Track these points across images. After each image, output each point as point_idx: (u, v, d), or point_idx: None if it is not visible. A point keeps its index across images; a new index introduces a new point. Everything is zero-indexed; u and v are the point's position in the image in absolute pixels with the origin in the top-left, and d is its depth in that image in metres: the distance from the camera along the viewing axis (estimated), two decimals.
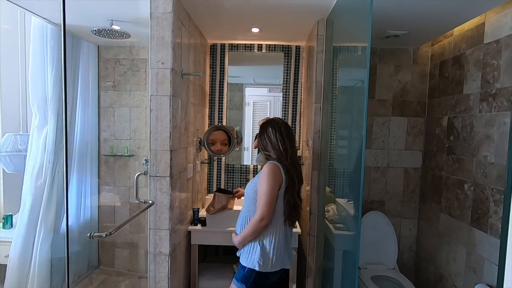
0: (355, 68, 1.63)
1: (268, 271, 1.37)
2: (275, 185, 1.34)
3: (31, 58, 1.97)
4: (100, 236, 1.09)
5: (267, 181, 1.33)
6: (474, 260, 1.70)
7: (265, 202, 1.32)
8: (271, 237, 1.38)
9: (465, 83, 1.83)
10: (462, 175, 1.82)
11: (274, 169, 1.36)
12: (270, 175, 1.34)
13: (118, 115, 2.50)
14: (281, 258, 1.40)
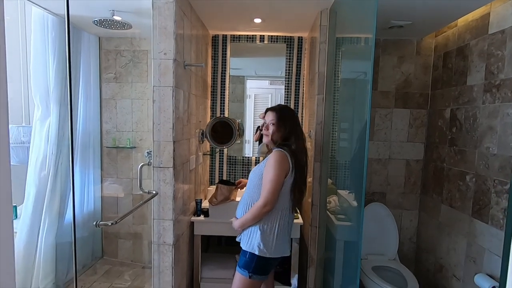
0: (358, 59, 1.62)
1: (268, 256, 1.39)
2: (282, 174, 1.35)
3: (33, 49, 1.96)
4: (106, 224, 1.10)
5: (274, 168, 1.35)
6: (475, 250, 1.72)
7: (270, 189, 1.34)
8: (273, 223, 1.40)
9: (469, 74, 1.82)
10: (464, 166, 1.83)
11: (282, 157, 1.37)
12: (278, 163, 1.35)
13: (120, 107, 2.50)
14: (281, 244, 1.43)
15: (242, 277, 1.41)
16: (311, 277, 1.90)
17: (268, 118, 1.48)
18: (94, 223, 1.10)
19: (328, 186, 1.84)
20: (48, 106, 2.03)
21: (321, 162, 1.83)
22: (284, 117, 1.45)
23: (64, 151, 2.11)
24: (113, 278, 2.33)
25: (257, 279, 1.42)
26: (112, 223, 1.11)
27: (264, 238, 1.39)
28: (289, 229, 1.49)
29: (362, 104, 1.51)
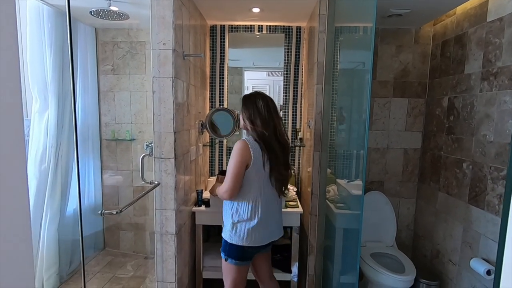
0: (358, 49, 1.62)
1: (239, 244, 1.44)
2: (240, 163, 1.38)
3: (29, 41, 1.94)
4: (111, 213, 1.12)
5: (232, 157, 1.40)
6: (471, 236, 1.76)
7: (230, 177, 1.39)
8: (244, 214, 1.44)
9: (467, 62, 1.83)
10: (461, 154, 1.85)
11: (242, 146, 1.39)
12: (236, 152, 1.39)
13: (118, 99, 2.49)
14: (257, 235, 1.44)
15: (223, 260, 1.51)
16: (311, 265, 1.94)
17: None
18: (99, 212, 1.11)
19: (328, 175, 1.87)
20: (46, 98, 2.02)
21: (321, 151, 1.85)
22: (244, 104, 1.48)
23: (63, 144, 2.11)
24: (115, 269, 2.36)
25: (234, 263, 1.47)
26: (117, 211, 1.12)
27: (234, 229, 1.45)
28: (270, 219, 1.48)
29: (362, 94, 1.52)
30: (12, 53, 0.48)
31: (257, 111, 1.43)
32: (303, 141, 2.25)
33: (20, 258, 0.49)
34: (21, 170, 0.49)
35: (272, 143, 1.42)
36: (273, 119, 1.45)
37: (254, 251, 1.50)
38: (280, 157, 1.45)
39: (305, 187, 2.15)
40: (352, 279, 1.39)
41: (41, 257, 2.00)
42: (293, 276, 1.97)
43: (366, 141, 1.27)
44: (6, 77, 0.46)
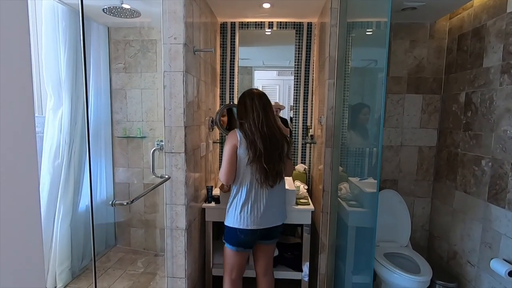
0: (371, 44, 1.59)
1: (230, 226, 1.55)
2: (230, 148, 1.51)
3: (44, 39, 1.98)
4: (121, 204, 1.12)
5: (226, 147, 1.53)
6: (490, 236, 1.68)
7: (224, 160, 1.53)
8: (235, 196, 1.56)
9: (485, 56, 1.76)
10: (480, 151, 1.78)
11: (230, 134, 1.54)
12: (227, 140, 1.54)
13: (129, 97, 2.51)
14: (245, 217, 1.53)
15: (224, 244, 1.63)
16: (323, 264, 1.90)
17: None
18: (110, 202, 1.11)
19: (339, 173, 1.83)
20: (60, 95, 2.06)
21: (333, 147, 1.81)
22: (238, 104, 1.61)
23: (76, 141, 2.14)
24: (126, 265, 2.37)
25: (230, 248, 1.58)
26: (128, 202, 1.12)
27: (228, 210, 1.58)
28: (262, 205, 1.54)
29: (375, 90, 1.48)
30: (24, 50, 0.47)
31: (242, 107, 1.57)
32: (314, 138, 2.22)
33: (31, 254, 0.49)
34: (32, 165, 0.49)
35: (255, 135, 1.49)
36: (259, 117, 1.52)
37: (248, 237, 1.55)
38: (260, 149, 1.48)
39: (316, 185, 2.11)
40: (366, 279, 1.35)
41: (54, 252, 2.03)
42: (303, 275, 1.93)
43: (381, 139, 1.23)
44: (18, 74, 0.46)
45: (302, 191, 2.04)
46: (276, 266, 1.98)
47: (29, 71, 0.49)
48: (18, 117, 0.46)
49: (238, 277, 1.65)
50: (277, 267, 1.98)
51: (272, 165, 1.50)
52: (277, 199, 1.59)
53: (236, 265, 1.61)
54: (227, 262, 1.62)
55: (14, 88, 0.45)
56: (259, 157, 1.48)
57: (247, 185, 1.52)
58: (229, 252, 1.60)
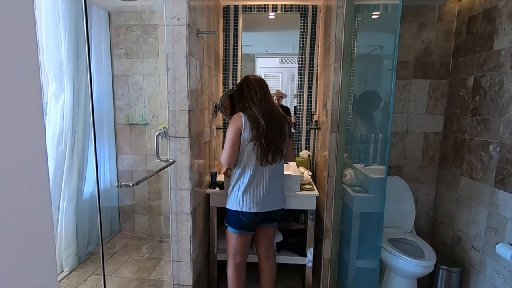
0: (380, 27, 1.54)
1: (232, 209, 1.56)
2: (234, 130, 1.49)
3: (44, 23, 1.94)
4: (127, 185, 1.11)
5: (229, 127, 1.52)
6: (496, 221, 1.68)
7: (227, 143, 1.52)
8: (236, 180, 1.55)
9: (496, 38, 1.71)
10: (488, 136, 1.76)
11: (235, 117, 1.52)
12: (232, 122, 1.52)
13: (132, 83, 2.48)
14: (247, 201, 1.53)
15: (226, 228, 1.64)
16: (327, 249, 1.90)
17: None
18: (115, 184, 1.11)
19: (344, 159, 1.81)
20: (62, 81, 2.03)
21: (338, 132, 1.79)
22: (235, 93, 1.64)
23: (79, 126, 2.12)
24: (131, 251, 2.40)
25: (233, 231, 1.59)
26: (134, 184, 1.11)
27: (230, 193, 1.58)
28: (267, 186, 1.55)
29: (384, 75, 1.45)
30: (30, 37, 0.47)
31: (239, 91, 1.60)
32: (319, 124, 2.19)
33: (42, 237, 0.49)
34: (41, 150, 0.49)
35: (255, 112, 1.50)
36: (257, 95, 1.53)
37: (250, 220, 1.56)
38: (263, 124, 1.49)
39: (321, 171, 2.10)
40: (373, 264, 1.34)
41: (59, 237, 2.05)
42: (308, 260, 1.94)
43: (390, 124, 1.20)
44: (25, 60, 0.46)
45: (306, 177, 2.03)
46: (280, 251, 1.99)
47: (36, 56, 0.49)
48: (27, 101, 0.46)
49: (242, 262, 1.66)
50: (281, 252, 1.99)
51: (273, 140, 1.51)
52: (278, 182, 1.61)
53: (240, 249, 1.62)
54: (231, 246, 1.63)
55: (21, 73, 0.45)
56: (261, 134, 1.48)
57: (250, 169, 1.52)
58: (232, 236, 1.61)
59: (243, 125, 1.48)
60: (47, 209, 0.50)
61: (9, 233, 0.42)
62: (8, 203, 0.42)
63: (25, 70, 0.46)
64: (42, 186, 0.49)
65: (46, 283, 0.50)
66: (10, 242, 0.42)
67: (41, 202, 0.49)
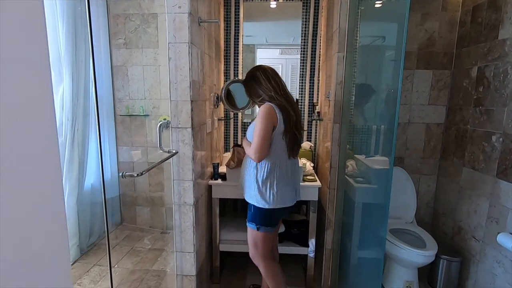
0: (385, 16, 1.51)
1: (268, 207, 1.44)
2: (269, 123, 1.38)
3: None
4: (132, 175, 1.10)
5: (261, 119, 1.38)
6: (498, 211, 1.68)
7: (258, 138, 1.38)
8: (268, 175, 1.43)
9: (501, 27, 1.69)
10: (491, 127, 1.75)
11: (269, 108, 1.40)
12: (264, 114, 1.39)
13: (131, 74, 2.45)
14: (281, 196, 1.46)
15: (253, 230, 1.50)
16: (329, 239, 1.91)
17: None
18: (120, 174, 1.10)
19: (347, 150, 1.80)
20: (61, 71, 2.00)
21: (341, 123, 1.78)
22: (246, 83, 1.53)
23: (79, 118, 2.10)
24: (133, 242, 2.40)
25: (265, 231, 1.49)
26: (138, 174, 1.10)
27: (261, 191, 1.44)
28: (290, 180, 1.50)
29: (388, 65, 1.42)
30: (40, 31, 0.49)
31: (255, 82, 1.49)
32: (321, 115, 2.18)
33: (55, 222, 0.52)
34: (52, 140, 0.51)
35: (283, 102, 1.44)
36: (278, 84, 1.47)
37: (279, 215, 1.52)
38: (293, 115, 1.45)
39: (323, 162, 2.10)
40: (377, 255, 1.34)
41: None
42: (310, 251, 1.95)
43: (397, 115, 1.18)
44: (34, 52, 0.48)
45: (308, 168, 2.03)
46: (283, 242, 2.00)
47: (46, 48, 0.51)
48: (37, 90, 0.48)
49: (272, 257, 1.61)
50: (283, 242, 2.00)
51: (298, 132, 1.48)
52: (297, 175, 1.58)
53: (272, 245, 1.57)
54: (265, 247, 1.51)
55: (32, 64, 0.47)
56: (292, 125, 1.43)
57: (280, 162, 1.45)
58: (267, 236, 1.50)
59: (277, 116, 1.40)
60: (59, 193, 0.52)
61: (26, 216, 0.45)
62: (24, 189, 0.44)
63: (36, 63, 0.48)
64: (55, 174, 0.51)
65: (59, 265, 0.53)
66: (28, 226, 0.45)
67: (54, 187, 0.51)
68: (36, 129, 0.47)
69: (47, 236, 0.49)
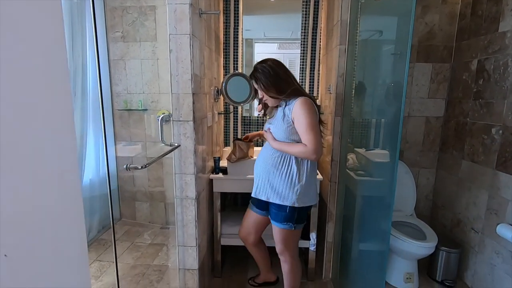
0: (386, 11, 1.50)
1: (304, 205, 1.44)
2: (316, 118, 1.35)
3: None
4: (136, 168, 1.09)
5: (309, 114, 1.31)
6: (497, 202, 1.70)
7: (315, 135, 1.30)
8: (307, 173, 1.41)
9: (502, 19, 1.70)
10: (490, 119, 1.77)
11: (310, 102, 1.35)
12: (311, 109, 1.32)
13: (129, 68, 2.42)
14: (313, 192, 1.47)
15: (287, 230, 1.47)
16: (330, 232, 1.92)
17: (255, 87, 1.47)
18: (124, 166, 1.08)
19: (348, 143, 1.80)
20: None
21: (342, 116, 1.78)
22: (260, 76, 1.40)
23: (77, 112, 2.07)
24: (133, 238, 2.39)
25: (300, 228, 1.50)
26: (142, 166, 1.09)
27: (302, 192, 1.40)
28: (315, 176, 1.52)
29: (390, 58, 1.42)
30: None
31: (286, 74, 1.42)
32: (321, 108, 2.18)
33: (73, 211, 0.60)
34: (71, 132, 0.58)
35: (313, 99, 1.41)
36: (290, 75, 1.44)
37: (308, 211, 1.54)
38: (318, 109, 1.43)
39: (324, 155, 2.10)
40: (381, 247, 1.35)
41: None
42: (311, 244, 1.96)
43: (403, 108, 1.17)
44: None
45: None
46: None
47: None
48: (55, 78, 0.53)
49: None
50: None
51: (322, 125, 1.46)
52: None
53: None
54: (297, 243, 1.56)
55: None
56: (319, 118, 1.41)
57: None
58: (298, 233, 1.53)
59: (316, 110, 1.37)
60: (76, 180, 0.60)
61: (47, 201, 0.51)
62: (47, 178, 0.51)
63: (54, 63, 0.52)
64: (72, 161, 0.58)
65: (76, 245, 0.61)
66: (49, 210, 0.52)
67: (71, 175, 0.58)
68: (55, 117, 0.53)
69: (65, 212, 0.56)
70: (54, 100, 0.52)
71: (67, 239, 0.57)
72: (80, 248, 0.60)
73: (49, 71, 0.51)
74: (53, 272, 0.52)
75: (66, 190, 0.56)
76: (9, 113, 0.42)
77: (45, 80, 0.50)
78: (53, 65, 0.51)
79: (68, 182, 0.56)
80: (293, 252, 1.56)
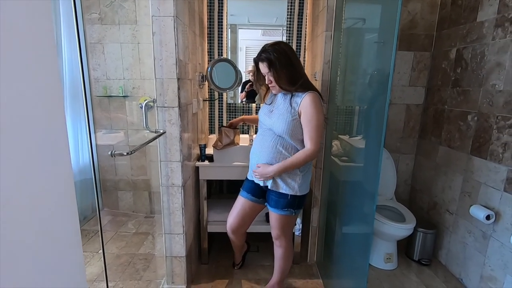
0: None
1: (305, 193, 1.49)
2: (323, 117, 1.38)
3: None
4: (121, 154, 1.05)
5: (317, 112, 1.33)
6: (470, 185, 1.80)
7: (319, 135, 1.34)
8: (309, 163, 1.46)
9: (480, 9, 1.75)
10: (467, 106, 1.84)
11: (319, 99, 1.37)
12: (318, 106, 1.34)
13: (108, 52, 2.31)
14: (310, 180, 1.53)
15: (288, 216, 1.50)
16: (315, 217, 1.97)
17: (263, 71, 1.38)
18: (109, 152, 1.04)
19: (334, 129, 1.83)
20: None
21: (328, 103, 1.80)
22: (275, 60, 1.31)
23: None
24: (117, 227, 2.35)
25: (298, 213, 1.55)
26: (128, 152, 1.06)
27: (304, 180, 1.45)
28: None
29: (374, 46, 1.43)
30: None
31: (298, 62, 1.39)
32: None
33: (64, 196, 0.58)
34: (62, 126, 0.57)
35: (319, 92, 1.42)
36: (300, 63, 1.42)
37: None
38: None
39: None
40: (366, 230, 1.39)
41: None
42: (296, 228, 2.00)
43: (388, 95, 1.19)
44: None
45: None
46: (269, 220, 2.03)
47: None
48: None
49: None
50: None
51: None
52: None
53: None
54: (292, 228, 1.65)
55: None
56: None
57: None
58: (296, 218, 1.63)
59: (323, 105, 1.39)
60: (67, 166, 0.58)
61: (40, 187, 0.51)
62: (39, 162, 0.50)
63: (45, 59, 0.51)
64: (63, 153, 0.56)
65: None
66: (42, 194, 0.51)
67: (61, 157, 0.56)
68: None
69: (58, 197, 0.55)
70: (43, 88, 0.51)
71: (60, 231, 0.56)
72: (74, 240, 0.60)
73: (38, 58, 0.50)
74: (47, 264, 0.52)
75: (58, 179, 0.55)
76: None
77: (34, 67, 0.49)
78: (42, 51, 0.50)
79: (60, 169, 0.55)
80: (289, 237, 1.60)
